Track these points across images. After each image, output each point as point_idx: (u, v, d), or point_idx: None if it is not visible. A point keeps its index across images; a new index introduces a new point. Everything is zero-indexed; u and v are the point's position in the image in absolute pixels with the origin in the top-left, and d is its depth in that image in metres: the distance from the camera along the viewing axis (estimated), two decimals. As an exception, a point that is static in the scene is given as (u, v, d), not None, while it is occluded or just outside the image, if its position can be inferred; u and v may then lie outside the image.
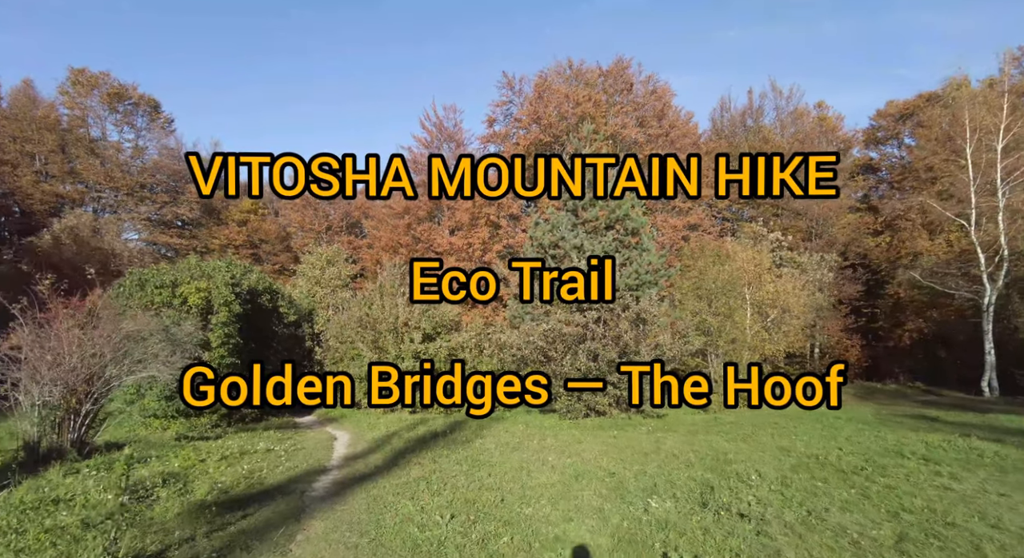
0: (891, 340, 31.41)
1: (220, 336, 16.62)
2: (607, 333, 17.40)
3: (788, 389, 13.08)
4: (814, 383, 13.05)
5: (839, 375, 13.83)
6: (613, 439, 14.13)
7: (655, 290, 19.31)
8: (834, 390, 12.09)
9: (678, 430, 16.09)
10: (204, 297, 16.73)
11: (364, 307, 21.81)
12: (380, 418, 18.67)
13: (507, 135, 36.32)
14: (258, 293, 19.81)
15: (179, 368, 12.78)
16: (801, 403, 14.16)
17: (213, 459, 11.05)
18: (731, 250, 23.29)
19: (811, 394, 12.82)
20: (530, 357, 18.34)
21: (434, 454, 11.82)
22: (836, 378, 12.13)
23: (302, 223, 45.30)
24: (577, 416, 18.07)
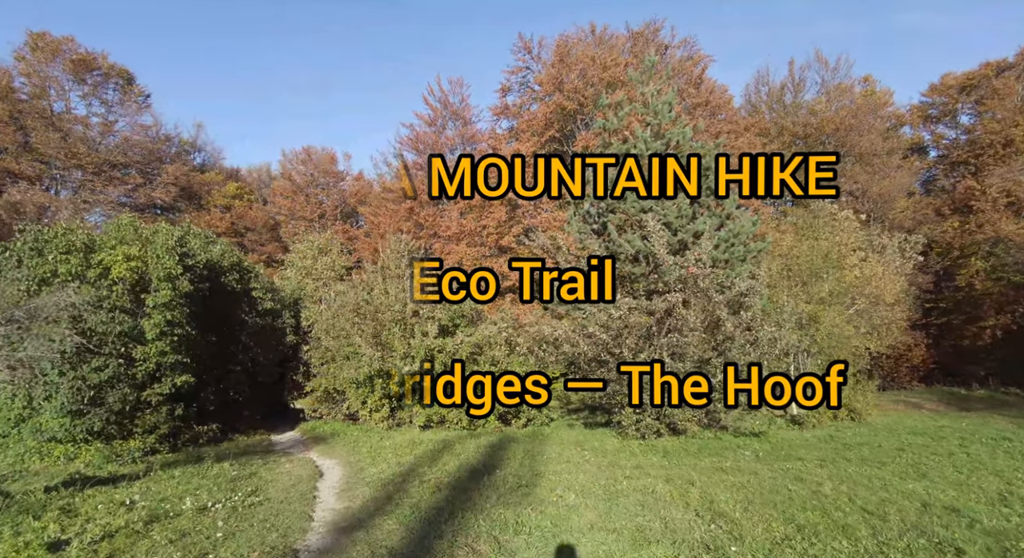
0: (965, 337, 26.49)
1: (159, 324, 11.24)
2: (694, 323, 12.22)
3: (788, 389, 11.16)
4: (814, 383, 11.26)
5: (839, 375, 11.32)
6: (732, 477, 9.13)
7: (746, 268, 14.21)
8: (834, 390, 10.89)
9: (803, 457, 11.08)
10: (136, 269, 11.36)
11: (362, 293, 16.50)
12: (384, 438, 13.34)
13: (522, 107, 31.15)
14: (222, 270, 14.42)
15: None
16: (801, 403, 12.00)
17: (83, 541, 5.73)
18: (816, 224, 18.27)
19: (811, 394, 11.11)
20: (587, 355, 13.10)
21: (489, 519, 6.56)
22: (836, 378, 10.51)
23: (292, 210, 39.80)
24: (648, 434, 12.94)
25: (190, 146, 42.68)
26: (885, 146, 29.48)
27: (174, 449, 11.87)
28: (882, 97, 31.82)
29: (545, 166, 19.48)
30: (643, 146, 14.47)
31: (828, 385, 12.82)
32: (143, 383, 11.35)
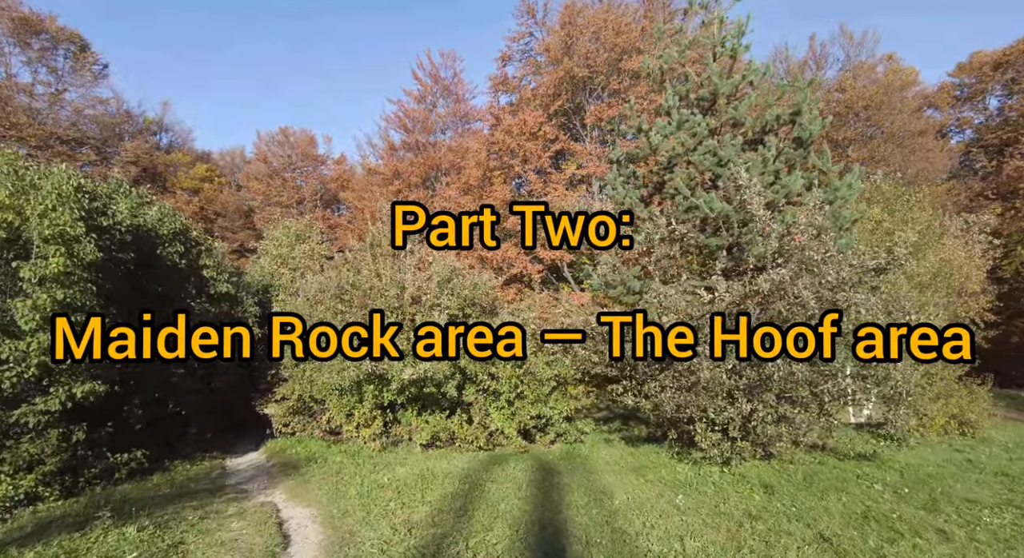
0: (1014, 334, 23.50)
1: (43, 306, 7.24)
2: (813, 309, 8.64)
3: (779, 340, 7.19)
4: (806, 333, 7.34)
5: (832, 325, 8.33)
6: (909, 538, 5.80)
7: (846, 240, 10.69)
8: (827, 341, 8.29)
9: (976, 499, 7.72)
10: (6, 224, 7.36)
11: (348, 272, 12.58)
12: (378, 468, 9.46)
13: (522, 79, 27.39)
14: (159, 239, 10.38)
15: None
16: (792, 355, 8.96)
17: None
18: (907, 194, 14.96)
19: (803, 346, 8.43)
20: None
21: None
22: (830, 328, 7.20)
23: (267, 195, 35.45)
24: (734, 458, 9.40)
25: (155, 125, 37.94)
26: (917, 125, 26.52)
27: (70, 492, 7.84)
28: (908, 76, 28.84)
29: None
30: (718, 80, 10.85)
31: (821, 336, 9.30)
32: (16, 397, 7.32)
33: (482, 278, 13.13)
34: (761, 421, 9.15)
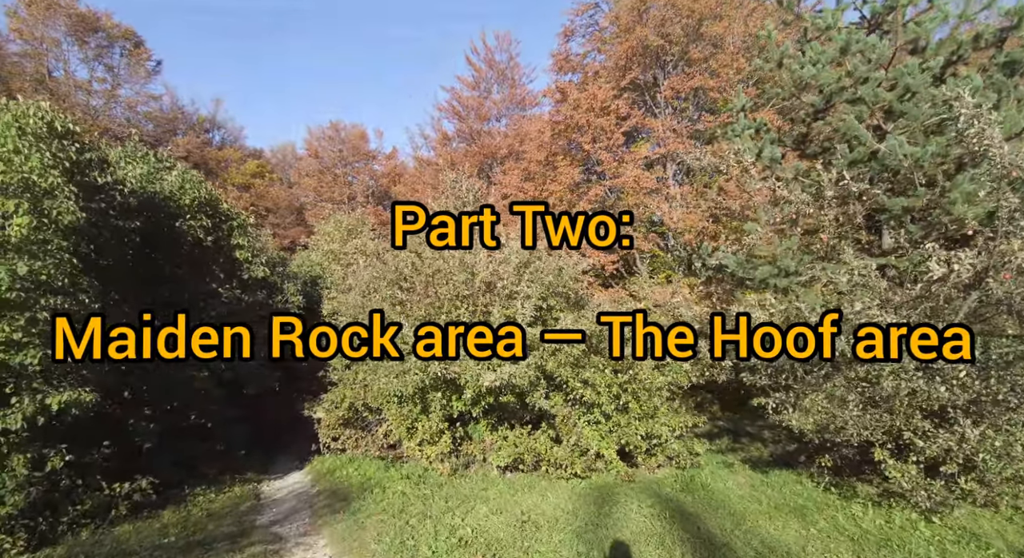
0: None
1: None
2: None
3: (779, 340, 6.87)
4: (806, 333, 6.76)
5: (832, 325, 4.64)
6: None
7: None
8: (827, 341, 6.66)
9: None
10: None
11: (410, 255, 10.11)
12: (452, 504, 6.92)
13: (586, 57, 24.60)
14: (179, 209, 8.15)
15: None
16: (793, 355, 7.47)
17: None
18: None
19: (803, 345, 6.75)
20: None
21: None
22: (830, 328, 3.82)
23: (318, 191, 33.94)
24: (948, 506, 6.38)
25: (208, 122, 37.03)
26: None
27: (43, 541, 5.59)
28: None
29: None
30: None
31: (821, 336, 6.76)
32: (-44, 410, 5.09)
33: (569, 261, 10.41)
34: (996, 454, 6.14)
